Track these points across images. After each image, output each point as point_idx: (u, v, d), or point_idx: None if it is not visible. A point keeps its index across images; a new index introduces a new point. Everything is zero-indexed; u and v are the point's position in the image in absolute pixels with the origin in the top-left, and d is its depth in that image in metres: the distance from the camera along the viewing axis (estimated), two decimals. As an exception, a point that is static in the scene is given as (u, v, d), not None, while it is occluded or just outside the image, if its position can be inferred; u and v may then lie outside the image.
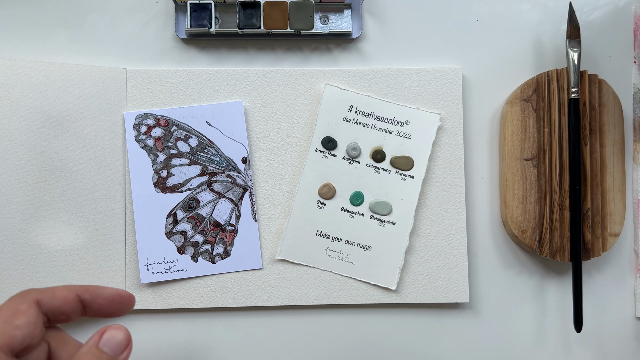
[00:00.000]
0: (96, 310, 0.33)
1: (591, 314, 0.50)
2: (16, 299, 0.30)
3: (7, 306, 0.30)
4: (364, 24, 0.51)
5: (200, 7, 0.49)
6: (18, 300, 0.30)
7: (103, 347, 0.31)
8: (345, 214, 0.49)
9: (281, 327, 0.50)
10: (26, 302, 0.30)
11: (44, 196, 0.47)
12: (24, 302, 0.30)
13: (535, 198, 0.48)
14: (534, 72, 0.51)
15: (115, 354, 0.31)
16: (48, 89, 0.47)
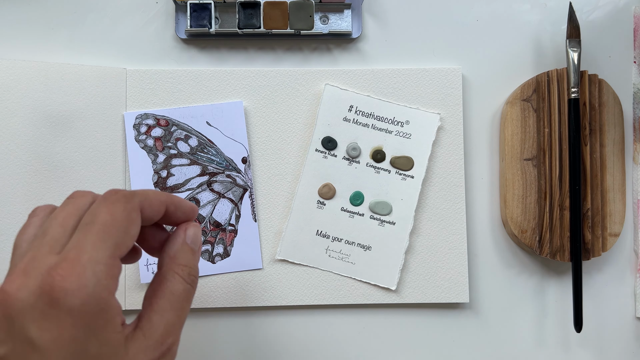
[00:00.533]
0: (172, 220, 0.35)
1: (591, 314, 0.50)
2: (127, 205, 0.31)
3: (122, 213, 0.30)
4: (364, 24, 0.51)
5: (200, 7, 0.49)
6: (129, 207, 0.31)
7: (190, 244, 0.35)
8: (345, 214, 0.49)
9: (281, 327, 0.50)
10: (136, 211, 0.31)
11: (44, 196, 0.47)
12: (135, 211, 0.31)
13: (535, 198, 0.48)
14: (534, 72, 0.51)
15: (197, 248, 0.35)
16: (48, 89, 0.47)
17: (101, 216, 0.30)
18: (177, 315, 0.33)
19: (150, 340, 0.31)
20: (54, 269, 0.27)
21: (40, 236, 0.30)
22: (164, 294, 0.32)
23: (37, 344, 0.27)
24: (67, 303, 0.27)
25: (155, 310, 0.32)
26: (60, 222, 0.31)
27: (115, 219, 0.30)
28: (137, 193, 0.32)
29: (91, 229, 0.29)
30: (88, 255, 0.28)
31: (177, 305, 0.33)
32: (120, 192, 0.32)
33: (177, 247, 0.34)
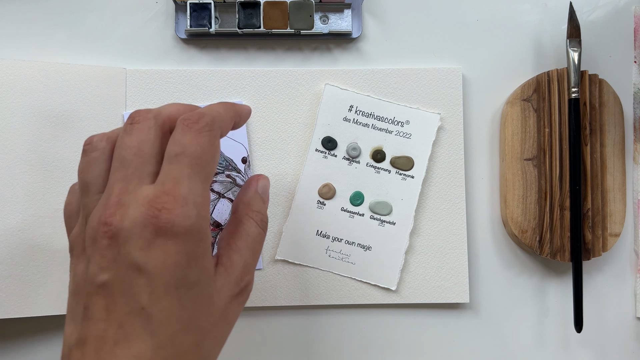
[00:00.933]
0: (233, 128, 0.38)
1: (591, 314, 0.50)
2: (211, 134, 0.32)
3: (209, 144, 0.32)
4: (364, 24, 0.51)
5: (200, 7, 0.49)
6: (213, 135, 0.32)
7: (260, 192, 0.38)
8: (345, 214, 0.49)
9: (281, 327, 0.50)
10: (218, 138, 0.33)
11: (44, 196, 0.47)
12: (217, 139, 0.33)
13: (535, 198, 0.48)
14: (534, 72, 0.51)
15: (266, 198, 0.39)
16: (48, 89, 0.47)
17: (191, 148, 0.31)
18: (252, 256, 0.35)
19: (232, 277, 0.33)
20: (156, 200, 0.29)
21: (119, 168, 0.31)
22: (241, 235, 0.35)
23: (143, 269, 0.29)
24: (173, 232, 0.29)
25: (234, 250, 0.34)
26: (137, 152, 0.32)
27: (204, 151, 0.31)
28: (215, 119, 0.33)
29: (183, 161, 0.31)
30: (186, 187, 0.30)
31: (252, 247, 0.35)
32: (200, 119, 0.32)
33: (250, 195, 0.37)
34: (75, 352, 0.29)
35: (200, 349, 0.30)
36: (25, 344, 0.49)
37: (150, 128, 0.32)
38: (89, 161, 0.33)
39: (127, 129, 0.33)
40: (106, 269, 0.29)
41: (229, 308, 0.33)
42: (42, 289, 0.46)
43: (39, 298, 0.46)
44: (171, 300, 0.29)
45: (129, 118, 0.33)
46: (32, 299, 0.46)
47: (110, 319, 0.29)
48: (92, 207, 0.32)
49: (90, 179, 0.33)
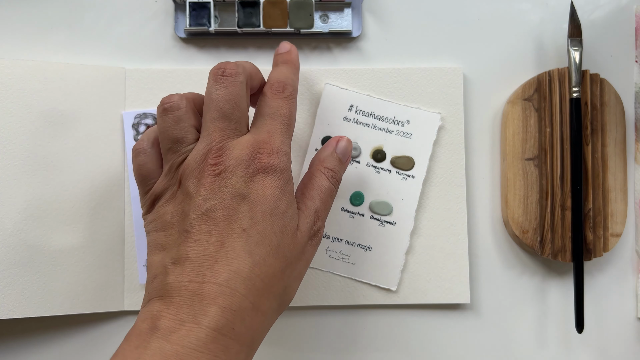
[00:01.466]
0: None
1: (593, 315, 0.50)
2: (295, 102, 0.40)
3: (294, 110, 0.40)
4: (364, 23, 0.51)
5: (200, 6, 0.49)
6: (296, 103, 0.40)
7: (338, 152, 0.42)
8: (345, 214, 0.49)
9: (281, 327, 0.49)
10: (296, 103, 0.41)
11: (43, 196, 0.46)
12: (296, 103, 0.41)
13: (536, 198, 0.48)
14: (536, 71, 0.51)
15: (345, 160, 0.43)
16: (46, 89, 0.47)
17: (282, 111, 0.39)
18: (323, 205, 0.40)
19: (307, 219, 0.38)
20: (257, 146, 0.36)
21: (219, 119, 0.37)
22: (313, 186, 0.40)
23: (247, 197, 0.35)
24: (270, 171, 0.36)
25: (307, 197, 0.40)
26: (235, 106, 0.37)
27: (291, 114, 0.39)
28: (294, 89, 0.40)
29: (277, 119, 0.38)
30: (279, 139, 0.37)
31: (323, 197, 0.40)
32: (284, 88, 0.40)
33: (326, 153, 0.42)
34: (174, 269, 0.34)
35: (283, 276, 0.36)
36: (25, 345, 0.48)
37: (242, 83, 0.38)
38: (176, 118, 0.38)
39: (218, 79, 0.37)
40: (211, 199, 0.35)
41: (306, 247, 0.38)
42: (41, 289, 0.46)
43: (38, 298, 0.46)
44: (266, 224, 0.35)
45: (217, 67, 0.38)
46: (31, 299, 0.46)
47: (213, 240, 0.34)
48: (183, 157, 0.37)
49: (181, 133, 0.38)
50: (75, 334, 0.49)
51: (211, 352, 0.32)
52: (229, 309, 0.32)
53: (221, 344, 0.32)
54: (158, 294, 0.34)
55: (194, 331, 0.32)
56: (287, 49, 0.44)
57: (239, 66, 0.38)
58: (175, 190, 0.37)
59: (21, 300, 0.45)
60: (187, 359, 0.31)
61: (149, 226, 0.38)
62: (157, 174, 0.39)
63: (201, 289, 0.33)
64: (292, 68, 0.42)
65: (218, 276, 0.33)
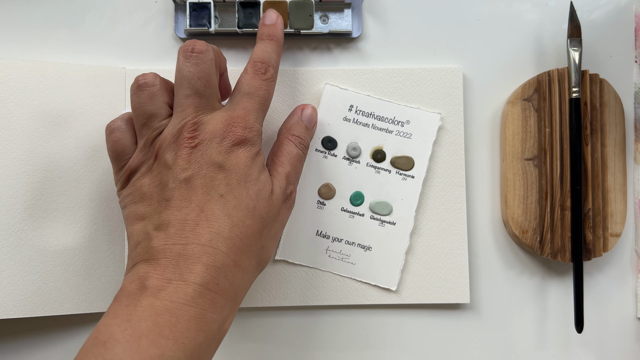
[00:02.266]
0: None
1: (592, 315, 0.50)
2: (274, 84, 0.42)
3: (271, 91, 0.42)
4: (364, 24, 0.51)
5: (200, 7, 0.49)
6: (274, 83, 0.42)
7: (304, 119, 0.45)
8: (345, 214, 0.49)
9: (281, 327, 0.49)
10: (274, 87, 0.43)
11: (43, 196, 0.46)
12: (274, 87, 0.43)
13: (536, 198, 0.48)
14: (535, 71, 0.51)
15: (311, 126, 0.46)
16: (47, 89, 0.47)
17: (260, 91, 0.41)
18: (293, 169, 0.42)
19: (280, 183, 0.41)
20: (231, 121, 0.39)
21: (192, 95, 0.39)
22: (283, 153, 0.43)
23: (223, 166, 0.37)
24: (244, 145, 0.38)
25: (277, 164, 0.42)
26: (207, 83, 0.39)
27: (268, 95, 0.41)
28: (276, 70, 0.42)
29: (254, 99, 0.40)
30: (253, 117, 0.39)
31: (293, 162, 0.42)
32: (266, 70, 0.41)
33: (293, 121, 0.45)
34: (157, 235, 0.36)
35: (260, 236, 0.38)
36: (25, 345, 0.48)
37: (212, 60, 0.40)
38: (150, 94, 0.40)
39: (188, 57, 0.39)
40: (189, 169, 0.37)
41: (280, 209, 0.41)
42: (41, 289, 0.46)
43: (38, 298, 0.46)
44: (241, 190, 0.38)
45: (187, 45, 0.39)
46: (31, 299, 0.46)
47: (192, 206, 0.36)
48: (158, 132, 0.39)
49: (155, 109, 0.40)
50: (76, 334, 0.49)
51: (199, 305, 0.34)
52: (213, 266, 0.35)
53: (208, 298, 0.35)
54: (143, 257, 0.36)
55: (182, 287, 0.34)
56: (274, 20, 0.45)
57: (208, 44, 0.40)
58: (151, 164, 0.39)
59: (21, 300, 0.45)
60: (177, 312, 0.33)
61: (125, 200, 0.40)
62: (131, 150, 0.41)
63: (185, 250, 0.35)
64: (276, 46, 0.43)
65: (200, 237, 0.36)
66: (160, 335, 0.32)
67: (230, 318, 0.37)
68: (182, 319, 0.33)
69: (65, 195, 0.47)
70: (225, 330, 0.37)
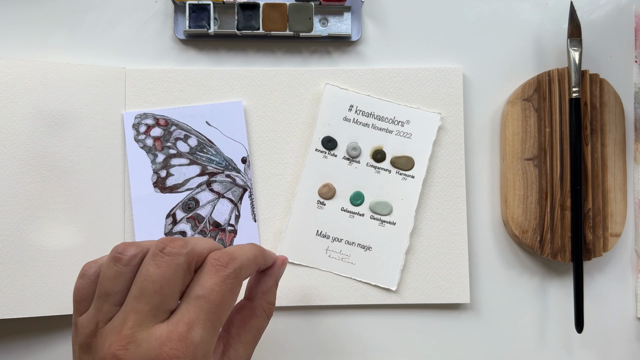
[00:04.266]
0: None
1: (592, 315, 0.50)
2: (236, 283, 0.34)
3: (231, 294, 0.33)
4: (364, 27, 0.51)
5: (199, 8, 0.49)
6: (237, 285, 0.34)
7: (278, 279, 0.39)
8: (345, 214, 0.49)
9: (281, 327, 0.49)
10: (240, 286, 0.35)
11: (43, 196, 0.47)
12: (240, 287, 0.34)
13: (536, 198, 0.48)
14: (535, 71, 0.51)
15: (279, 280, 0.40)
16: (47, 89, 0.47)
17: (213, 295, 0.32)
18: (254, 345, 0.37)
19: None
20: (166, 343, 0.30)
21: (139, 298, 0.32)
22: (252, 329, 0.37)
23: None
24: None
25: (243, 343, 0.36)
26: (158, 290, 0.32)
27: (224, 300, 0.33)
28: (242, 266, 0.34)
29: (202, 306, 0.32)
30: (198, 334, 0.31)
31: (257, 339, 0.37)
32: (229, 263, 0.33)
33: (270, 284, 0.39)
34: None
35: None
36: (24, 344, 0.48)
37: (179, 266, 0.33)
38: (116, 273, 0.33)
39: (156, 255, 0.33)
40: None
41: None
42: (41, 289, 0.46)
43: (37, 298, 0.46)
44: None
45: (161, 242, 0.33)
46: (30, 299, 0.46)
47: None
48: (106, 317, 0.33)
49: (113, 290, 0.33)
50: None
51: None
52: None
53: None
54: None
55: None
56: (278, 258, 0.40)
57: (185, 246, 0.33)
58: (89, 344, 0.33)
59: (21, 300, 0.46)
60: None
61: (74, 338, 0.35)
62: (90, 302, 0.35)
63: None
64: (255, 249, 0.37)
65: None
66: None
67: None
68: None
69: (65, 196, 0.47)
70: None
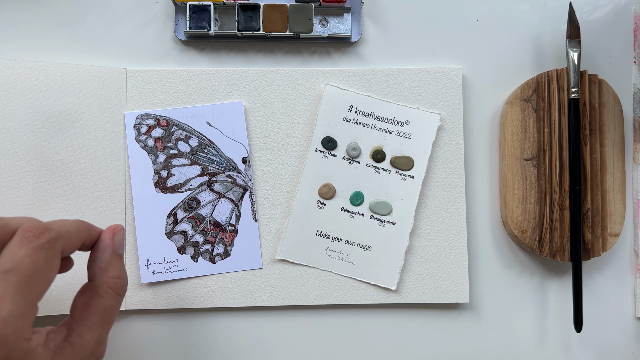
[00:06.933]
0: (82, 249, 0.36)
1: (591, 314, 0.50)
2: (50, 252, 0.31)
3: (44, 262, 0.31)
4: (364, 28, 0.51)
5: (200, 9, 0.49)
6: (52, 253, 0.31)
7: (117, 250, 0.36)
8: (345, 214, 0.49)
9: (281, 327, 0.49)
10: (57, 256, 0.32)
11: (44, 196, 0.47)
12: (57, 257, 0.32)
13: (535, 198, 0.48)
14: (534, 72, 0.51)
15: (122, 252, 0.37)
16: (48, 89, 0.47)
17: (23, 266, 0.29)
18: (106, 327, 0.34)
19: (81, 355, 0.32)
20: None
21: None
22: (97, 310, 0.33)
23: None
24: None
25: (87, 326, 0.33)
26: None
27: (36, 269, 0.30)
28: (60, 236, 0.32)
29: (11, 279, 0.29)
30: (7, 308, 0.28)
31: (108, 319, 0.34)
32: (42, 233, 0.31)
33: (107, 258, 0.35)
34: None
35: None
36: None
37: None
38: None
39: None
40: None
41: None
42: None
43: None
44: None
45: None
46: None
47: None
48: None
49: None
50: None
51: None
52: None
53: None
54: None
55: None
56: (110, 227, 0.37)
57: None
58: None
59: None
60: None
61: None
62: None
63: None
64: (78, 224, 0.35)
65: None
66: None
67: None
68: None
69: (66, 196, 0.47)
70: None
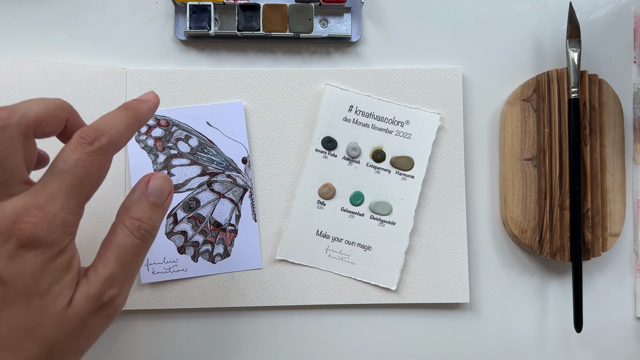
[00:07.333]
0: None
1: (591, 314, 0.50)
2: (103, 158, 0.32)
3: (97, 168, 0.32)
4: (364, 28, 0.51)
5: (200, 9, 0.49)
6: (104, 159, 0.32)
7: (150, 196, 0.34)
8: (345, 214, 0.49)
9: (281, 327, 0.50)
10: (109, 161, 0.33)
11: (45, 196, 0.47)
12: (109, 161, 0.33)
13: (535, 198, 0.48)
14: (534, 72, 0.51)
15: (161, 200, 0.35)
16: (48, 89, 0.47)
17: (77, 169, 0.31)
18: (121, 268, 0.33)
19: (92, 289, 0.32)
20: (24, 214, 0.29)
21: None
22: (111, 245, 0.33)
23: (1, 278, 0.29)
24: (34, 247, 0.29)
25: (102, 260, 0.33)
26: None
27: (90, 174, 0.31)
28: (111, 141, 0.32)
29: (65, 179, 0.31)
30: (59, 204, 0.30)
31: (123, 259, 0.33)
32: (96, 139, 0.32)
33: (134, 198, 0.35)
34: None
35: (49, 355, 0.31)
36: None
37: (12, 139, 0.31)
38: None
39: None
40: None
41: (86, 321, 0.32)
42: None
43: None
44: (21, 306, 0.30)
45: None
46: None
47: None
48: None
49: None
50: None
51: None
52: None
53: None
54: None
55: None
56: (148, 97, 0.37)
57: (13, 114, 0.31)
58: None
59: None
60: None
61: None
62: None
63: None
64: (126, 117, 0.34)
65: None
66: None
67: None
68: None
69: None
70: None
